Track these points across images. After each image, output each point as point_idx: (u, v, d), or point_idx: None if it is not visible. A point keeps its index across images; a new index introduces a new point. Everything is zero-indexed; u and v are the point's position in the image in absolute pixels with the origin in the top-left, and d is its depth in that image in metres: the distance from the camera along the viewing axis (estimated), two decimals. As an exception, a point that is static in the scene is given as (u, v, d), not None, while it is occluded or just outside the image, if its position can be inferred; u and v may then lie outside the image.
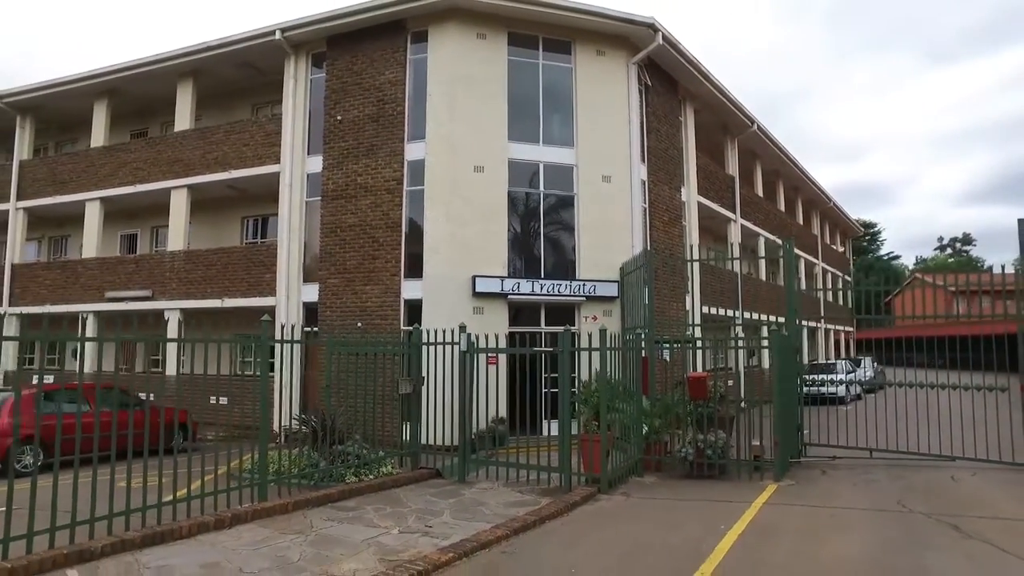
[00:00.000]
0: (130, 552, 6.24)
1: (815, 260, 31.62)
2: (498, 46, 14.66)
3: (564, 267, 14.67)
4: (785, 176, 28.01)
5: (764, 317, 18.66)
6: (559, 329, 10.13)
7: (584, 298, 14.32)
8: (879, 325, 32.16)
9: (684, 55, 16.64)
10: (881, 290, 12.77)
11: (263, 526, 7.32)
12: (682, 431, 10.55)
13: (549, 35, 15.11)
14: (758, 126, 21.97)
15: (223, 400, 15.46)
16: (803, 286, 27.89)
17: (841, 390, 18.44)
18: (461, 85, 14.32)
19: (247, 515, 7.54)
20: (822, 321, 31.03)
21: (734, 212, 21.42)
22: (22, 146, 20.61)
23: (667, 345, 12.65)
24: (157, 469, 7.11)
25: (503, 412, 11.76)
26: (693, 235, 18.14)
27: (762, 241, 23.59)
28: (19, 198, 20.22)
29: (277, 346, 9.08)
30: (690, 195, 18.32)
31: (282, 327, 11.89)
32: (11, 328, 18.42)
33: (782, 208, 27.81)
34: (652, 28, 15.09)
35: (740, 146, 22.55)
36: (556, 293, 14.15)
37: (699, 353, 12.00)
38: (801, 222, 31.06)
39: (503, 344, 11.57)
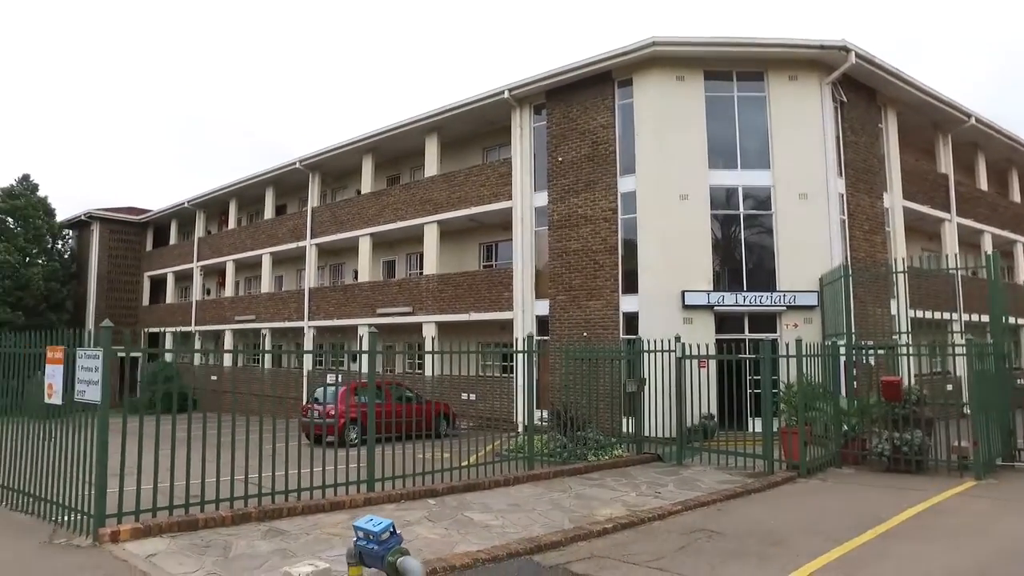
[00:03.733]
0: (458, 494, 9.34)
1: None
2: (695, 85, 16.54)
3: (765, 280, 16.12)
4: (1019, 164, 26.00)
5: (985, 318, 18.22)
6: (761, 337, 11.88)
7: (785, 308, 15.68)
8: None
9: (881, 67, 17.13)
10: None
11: (535, 486, 10.14)
12: (878, 430, 11.70)
13: (743, 68, 16.68)
14: (976, 118, 21.15)
15: (472, 396, 19.07)
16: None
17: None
18: (664, 123, 16.43)
19: (523, 478, 10.42)
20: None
21: (948, 212, 20.91)
22: (312, 196, 26.46)
23: (870, 351, 13.63)
24: (437, 445, 10.24)
25: (712, 409, 13.64)
26: (898, 241, 18.38)
27: (987, 238, 22.53)
28: (312, 236, 25.98)
29: (515, 354, 11.85)
30: (893, 201, 18.58)
31: (518, 338, 14.90)
32: (310, 337, 23.96)
33: (1017, 199, 25.86)
34: (844, 49, 15.98)
35: (956, 140, 21.83)
36: (758, 304, 15.69)
37: (904, 359, 12.83)
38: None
39: (711, 351, 13.40)
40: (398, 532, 4.33)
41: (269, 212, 29.32)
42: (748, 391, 13.14)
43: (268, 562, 6.04)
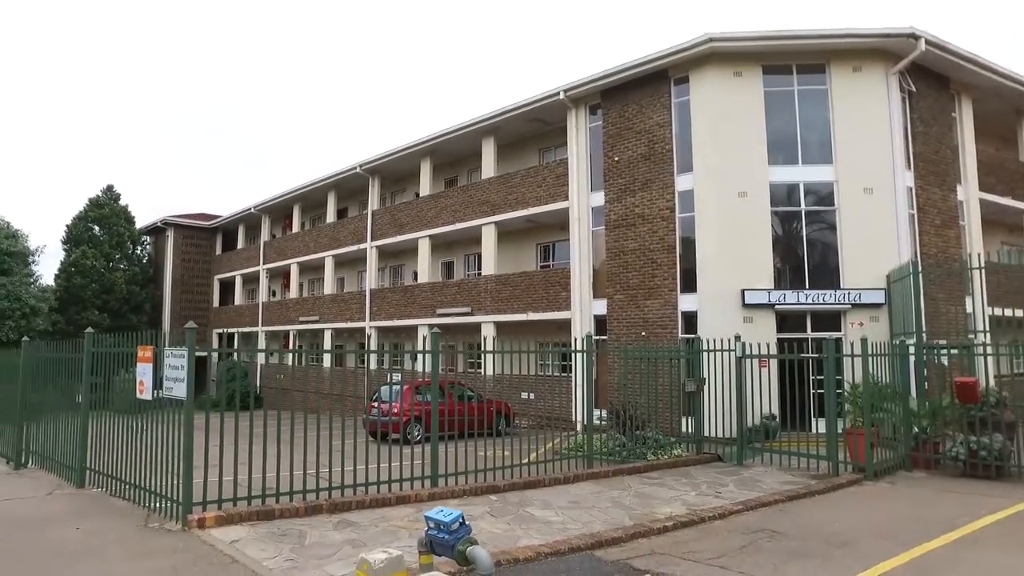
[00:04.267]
0: (518, 491, 9.53)
1: None
2: (753, 80, 16.27)
3: (828, 277, 15.73)
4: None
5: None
6: (825, 336, 11.64)
7: (849, 306, 15.27)
8: None
9: (954, 52, 16.45)
10: None
11: (595, 484, 10.24)
12: (952, 433, 11.29)
13: (803, 61, 16.31)
14: (1061, 103, 20.03)
15: (530, 396, 19.25)
16: None
17: None
18: (721, 120, 16.23)
19: (583, 476, 10.53)
20: None
21: (1030, 203, 19.88)
22: (372, 199, 27.19)
23: (943, 351, 13.15)
24: (496, 443, 10.42)
25: (774, 409, 13.44)
26: (974, 235, 17.62)
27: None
28: (372, 239, 26.70)
29: (573, 354, 11.93)
30: (969, 193, 17.81)
31: (576, 338, 14.98)
32: (374, 338, 24.60)
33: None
34: (912, 37, 15.43)
35: (1042, 125, 20.70)
36: (820, 302, 15.33)
37: (982, 359, 12.30)
38: None
39: (773, 350, 13.16)
40: (467, 523, 4.54)
41: (331, 216, 30.26)
42: (811, 391, 12.90)
43: (340, 551, 6.37)
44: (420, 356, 10.04)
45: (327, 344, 27.95)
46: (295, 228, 33.07)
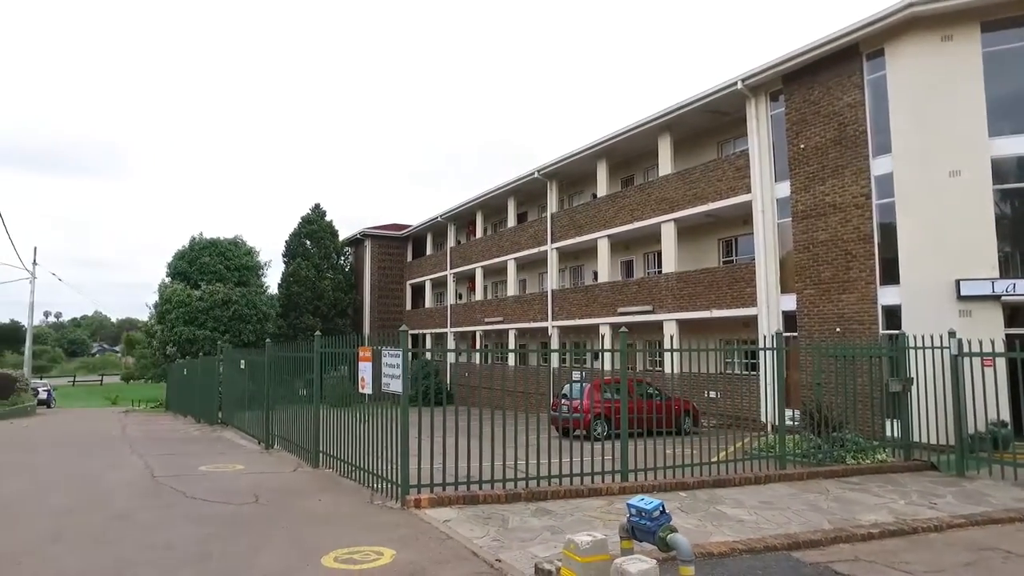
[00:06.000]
0: (707, 489, 9.51)
1: None
2: (967, 42, 14.54)
3: (1070, 263, 13.66)
4: None
5: None
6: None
7: (1100, 295, 13.14)
8: None
9: None
10: None
11: (788, 486, 9.89)
12: None
13: (1033, 15, 14.28)
14: None
15: (714, 394, 18.77)
16: None
17: None
18: (925, 93, 14.72)
19: (774, 477, 10.21)
20: None
21: None
22: (551, 202, 28.05)
23: None
24: (680, 441, 10.35)
25: (1004, 415, 11.98)
26: None
27: None
28: (552, 241, 27.54)
29: (761, 351, 11.48)
30: None
31: (764, 335, 14.41)
32: (554, 337, 25.36)
33: None
34: None
35: None
36: (1061, 292, 13.35)
37: None
38: None
39: (999, 347, 11.68)
40: (667, 512, 4.78)
41: (511, 220, 31.64)
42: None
43: (540, 535, 6.88)
44: (605, 355, 10.36)
45: (511, 344, 29.27)
46: (478, 234, 34.99)
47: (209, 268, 35.21)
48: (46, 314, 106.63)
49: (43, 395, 33.35)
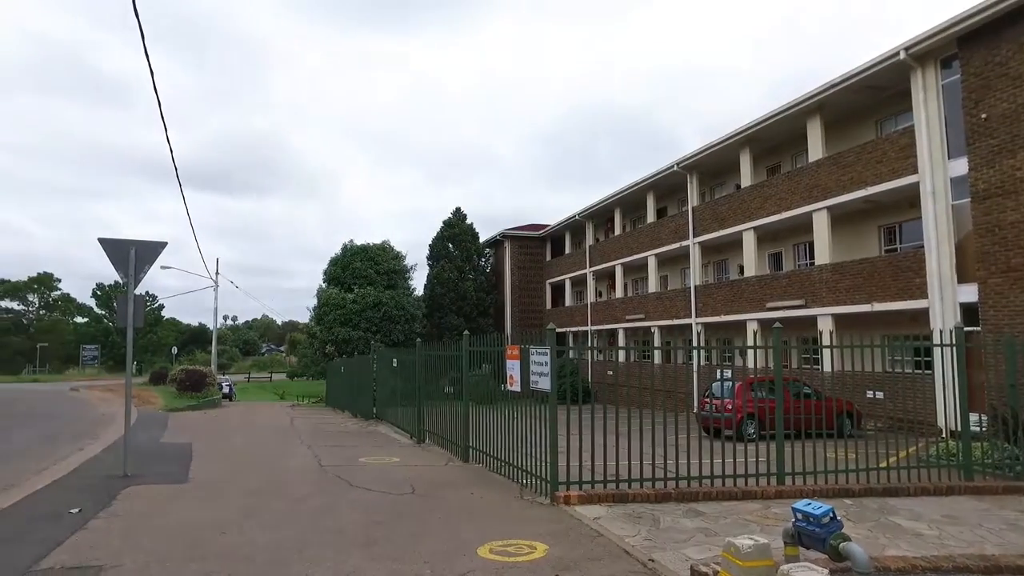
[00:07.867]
0: (876, 497, 8.74)
1: None
2: None
3: None
4: None
5: None
6: None
7: None
8: None
9: None
10: None
11: (977, 500, 8.86)
12: None
13: None
14: None
15: (879, 395, 17.22)
16: None
17: None
18: None
19: (958, 489, 9.19)
20: None
21: None
22: (691, 196, 27.16)
23: None
24: (840, 444, 9.51)
25: None
26: None
27: None
28: (694, 235, 26.64)
29: (936, 348, 10.30)
30: None
31: (937, 330, 12.99)
32: (700, 334, 24.50)
33: None
34: None
35: None
36: None
37: None
38: None
39: None
40: (838, 518, 4.46)
41: (651, 216, 30.98)
42: None
43: (694, 537, 6.67)
44: (754, 352, 9.84)
45: (655, 341, 28.67)
46: (617, 231, 34.61)
47: (360, 273, 37.59)
48: (224, 317, 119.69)
49: (226, 389, 37.26)
